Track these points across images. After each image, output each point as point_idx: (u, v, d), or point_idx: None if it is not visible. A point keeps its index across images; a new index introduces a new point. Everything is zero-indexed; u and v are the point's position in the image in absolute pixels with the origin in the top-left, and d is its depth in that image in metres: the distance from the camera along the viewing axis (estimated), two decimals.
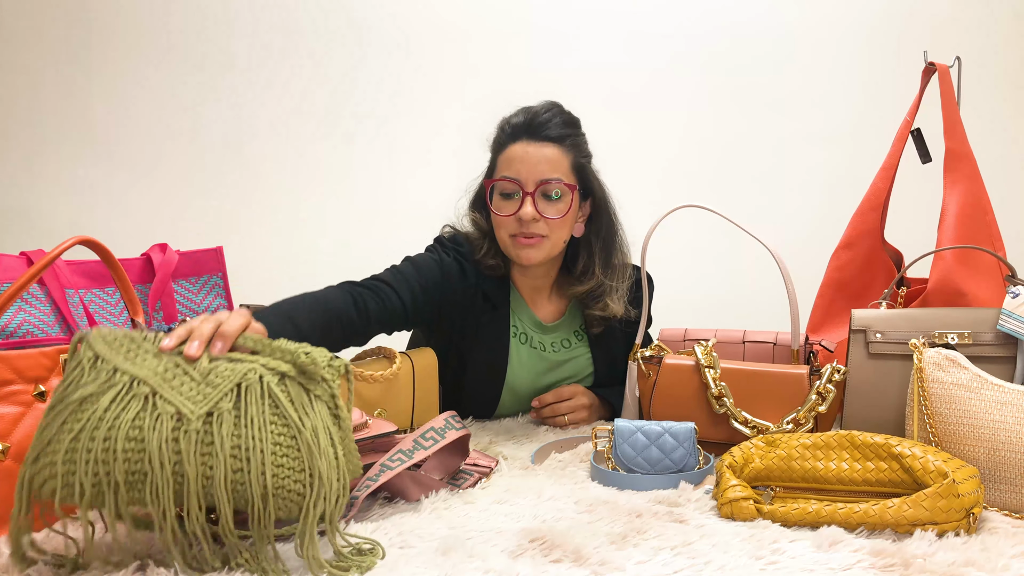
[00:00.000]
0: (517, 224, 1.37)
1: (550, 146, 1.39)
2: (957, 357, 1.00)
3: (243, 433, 0.73)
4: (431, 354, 1.41)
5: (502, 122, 1.45)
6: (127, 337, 0.78)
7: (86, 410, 0.71)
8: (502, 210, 1.39)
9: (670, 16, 2.60)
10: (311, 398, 0.78)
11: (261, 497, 0.72)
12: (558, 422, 1.42)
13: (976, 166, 1.38)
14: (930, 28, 2.51)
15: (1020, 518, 0.89)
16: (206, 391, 0.75)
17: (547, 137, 1.39)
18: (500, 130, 1.45)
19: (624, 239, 1.52)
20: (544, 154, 1.38)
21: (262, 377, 0.77)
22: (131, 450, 0.70)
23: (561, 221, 1.39)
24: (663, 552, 0.78)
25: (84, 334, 0.76)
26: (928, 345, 1.06)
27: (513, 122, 1.42)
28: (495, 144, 1.45)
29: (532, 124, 1.40)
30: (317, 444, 0.75)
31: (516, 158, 1.38)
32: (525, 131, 1.40)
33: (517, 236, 1.38)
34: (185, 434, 0.71)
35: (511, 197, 1.39)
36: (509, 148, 1.40)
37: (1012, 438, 0.92)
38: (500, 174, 1.40)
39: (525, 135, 1.40)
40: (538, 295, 1.52)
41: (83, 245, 0.97)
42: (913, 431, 1.01)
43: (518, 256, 1.40)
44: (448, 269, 1.42)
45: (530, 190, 1.37)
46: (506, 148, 1.40)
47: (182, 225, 2.54)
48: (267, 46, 2.59)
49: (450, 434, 1.02)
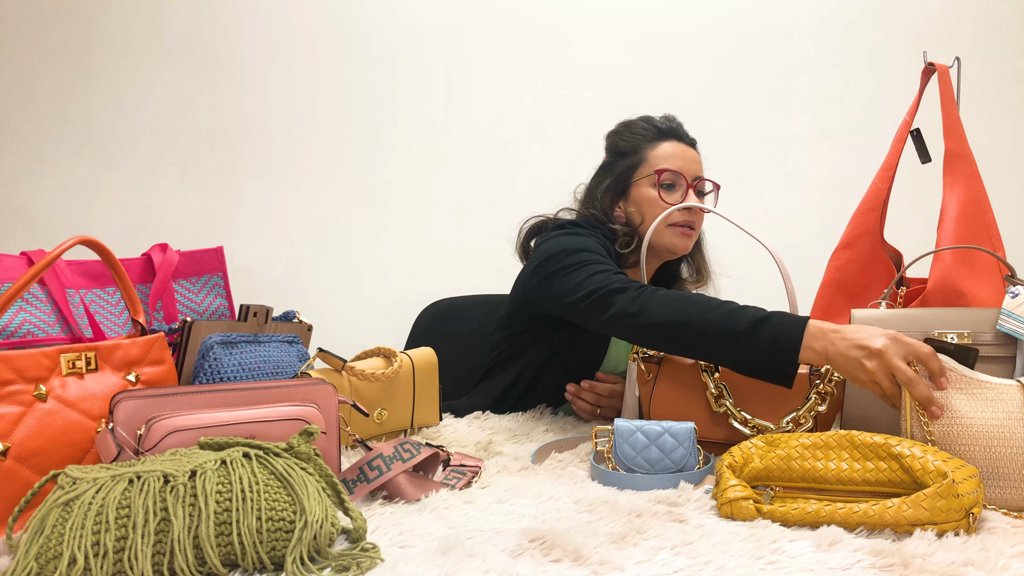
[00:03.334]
0: (680, 214, 1.47)
1: (692, 149, 1.53)
2: (945, 359, 1.00)
3: (231, 478, 0.74)
4: (431, 353, 1.41)
5: (634, 127, 1.53)
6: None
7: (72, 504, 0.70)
8: (669, 198, 1.48)
9: (670, 16, 2.61)
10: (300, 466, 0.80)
11: (250, 533, 0.72)
12: (589, 411, 1.42)
13: (976, 166, 1.38)
14: (930, 28, 2.52)
15: (1020, 517, 0.89)
16: (189, 458, 0.76)
17: (689, 142, 1.53)
18: (640, 132, 1.52)
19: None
20: (693, 155, 1.52)
21: (246, 454, 0.78)
22: (122, 516, 0.69)
23: (703, 217, 1.52)
24: (663, 552, 0.78)
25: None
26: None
27: (657, 124, 1.52)
28: (636, 142, 1.52)
29: (676, 130, 1.52)
30: (305, 488, 0.76)
31: (676, 154, 1.49)
32: (672, 134, 1.51)
33: (680, 225, 1.47)
34: (172, 490, 0.72)
35: (673, 188, 1.48)
36: (661, 145, 1.50)
37: (1006, 434, 0.92)
38: (660, 167, 1.48)
39: (673, 137, 1.51)
40: None
41: (83, 245, 0.98)
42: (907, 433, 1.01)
43: (674, 244, 1.48)
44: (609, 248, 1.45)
45: (691, 183, 1.49)
46: (658, 145, 1.50)
47: (182, 225, 2.54)
48: (267, 46, 2.59)
49: (424, 450, 1.03)
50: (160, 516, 0.70)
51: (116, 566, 0.68)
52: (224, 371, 1.12)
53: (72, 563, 0.67)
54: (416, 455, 1.00)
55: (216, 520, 0.72)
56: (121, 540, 0.69)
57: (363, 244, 2.48)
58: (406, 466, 0.98)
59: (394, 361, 1.33)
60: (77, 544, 0.67)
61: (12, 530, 0.75)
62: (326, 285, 1.54)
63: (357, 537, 0.80)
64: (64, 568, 0.66)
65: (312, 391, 0.98)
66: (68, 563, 0.67)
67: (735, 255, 2.32)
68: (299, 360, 1.26)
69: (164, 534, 0.70)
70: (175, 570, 0.70)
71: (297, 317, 1.32)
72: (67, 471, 0.73)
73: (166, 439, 0.84)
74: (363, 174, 2.61)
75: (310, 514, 0.75)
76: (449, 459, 1.09)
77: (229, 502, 0.73)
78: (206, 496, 0.72)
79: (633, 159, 1.51)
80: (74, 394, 0.93)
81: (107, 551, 0.68)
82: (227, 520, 0.72)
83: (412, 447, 1.01)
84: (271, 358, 1.20)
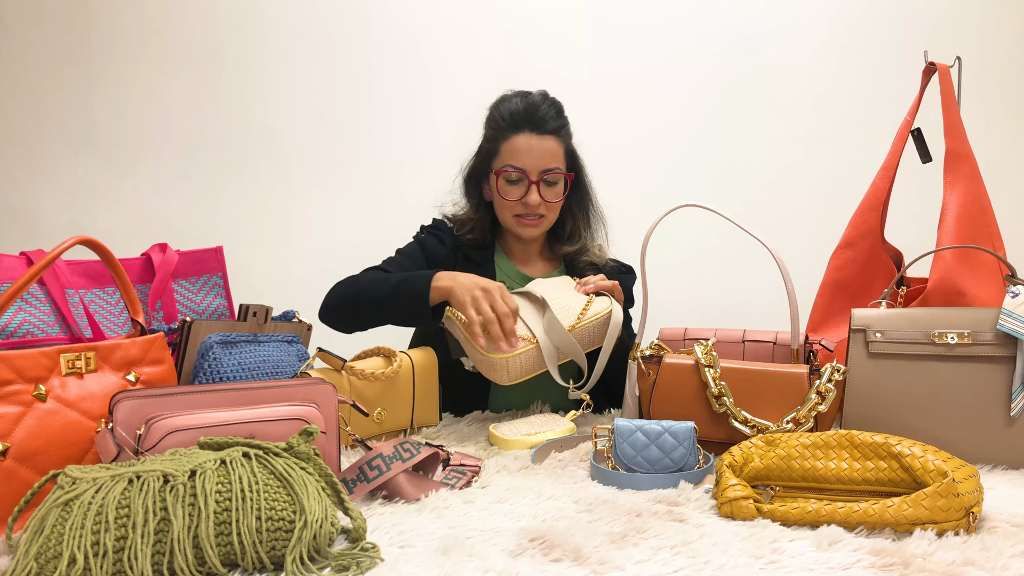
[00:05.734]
0: (522, 207, 1.55)
1: (550, 139, 1.55)
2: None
3: (231, 478, 0.74)
4: (431, 353, 1.41)
5: (501, 110, 1.57)
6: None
7: (72, 504, 0.70)
8: (509, 195, 1.55)
9: (670, 16, 2.61)
10: (300, 466, 0.80)
11: (250, 533, 0.72)
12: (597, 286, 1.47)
13: (976, 166, 1.38)
14: (930, 28, 2.52)
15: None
16: (189, 458, 0.76)
17: (547, 130, 1.54)
18: (500, 118, 1.56)
19: (596, 199, 1.70)
20: (545, 146, 1.54)
21: (245, 454, 0.78)
22: (122, 516, 0.69)
23: (558, 203, 1.59)
24: (663, 551, 0.78)
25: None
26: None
27: (514, 113, 1.54)
28: (495, 131, 1.57)
29: (533, 118, 1.54)
30: (305, 488, 0.76)
31: (521, 149, 1.53)
32: (527, 123, 1.54)
33: (521, 217, 1.56)
34: (172, 490, 0.71)
35: (516, 183, 1.54)
36: (513, 138, 1.54)
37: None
38: (506, 163, 1.54)
39: (527, 127, 1.53)
40: (529, 258, 1.68)
41: (83, 245, 0.97)
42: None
43: (520, 234, 1.59)
44: (426, 245, 1.61)
45: (535, 179, 1.53)
46: (509, 138, 1.54)
47: (182, 225, 2.54)
48: (267, 46, 2.59)
49: (424, 449, 1.03)
50: (160, 516, 0.70)
51: (116, 566, 0.68)
52: (223, 371, 1.12)
53: (72, 563, 0.67)
54: (416, 455, 1.00)
55: (216, 520, 0.72)
56: (121, 540, 0.69)
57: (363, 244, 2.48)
58: (406, 466, 0.98)
59: (394, 361, 1.33)
60: (77, 544, 0.67)
61: (12, 530, 0.75)
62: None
63: (357, 537, 0.80)
64: (64, 568, 0.66)
65: (312, 391, 0.98)
66: (68, 563, 0.67)
67: (735, 255, 2.32)
68: (299, 360, 1.26)
69: (164, 534, 0.70)
70: (175, 570, 0.70)
71: (297, 317, 1.32)
72: (67, 471, 0.73)
73: (166, 439, 0.84)
74: (363, 174, 2.61)
75: (310, 514, 0.75)
76: (449, 459, 1.08)
77: (229, 502, 0.73)
78: (206, 496, 0.72)
79: (491, 147, 1.58)
80: (74, 394, 0.93)
81: (107, 551, 0.68)
82: (227, 520, 0.72)
83: (412, 447, 1.01)
84: (271, 358, 1.20)
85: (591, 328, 1.42)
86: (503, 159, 1.55)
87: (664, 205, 1.31)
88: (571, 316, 1.41)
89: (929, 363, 1.12)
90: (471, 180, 1.64)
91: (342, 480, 0.96)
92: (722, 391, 1.17)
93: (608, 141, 2.58)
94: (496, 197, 1.58)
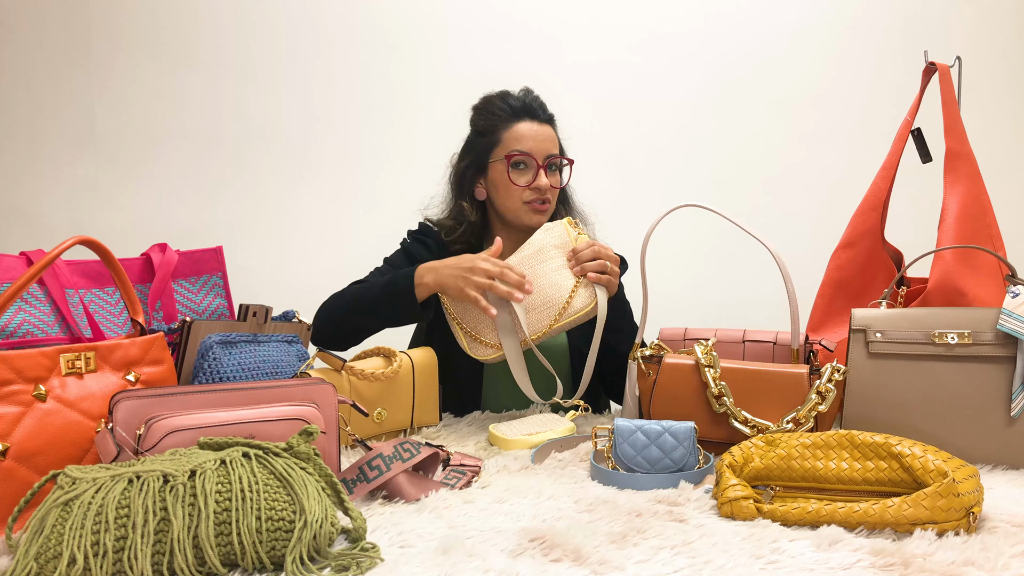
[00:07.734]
0: (531, 192, 1.56)
1: (547, 126, 1.59)
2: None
3: (231, 478, 0.74)
4: (431, 353, 1.41)
5: (497, 102, 1.59)
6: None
7: (72, 504, 0.70)
8: (518, 181, 1.56)
9: (671, 16, 2.61)
10: (300, 466, 0.80)
11: (250, 533, 0.72)
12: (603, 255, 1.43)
13: (976, 166, 1.37)
14: (930, 28, 2.52)
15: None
16: (189, 458, 0.76)
17: (545, 119, 1.59)
18: (499, 109, 1.58)
19: (576, 195, 1.72)
20: (547, 133, 1.58)
21: (245, 454, 0.78)
22: (122, 516, 0.69)
23: (559, 189, 1.61)
24: (663, 551, 0.78)
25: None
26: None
27: (514, 103, 1.58)
28: (493, 122, 1.58)
29: (532, 107, 1.58)
30: (305, 488, 0.76)
31: (526, 135, 1.55)
32: (527, 112, 1.57)
33: (531, 202, 1.56)
34: (172, 490, 0.71)
35: (524, 169, 1.56)
36: (516, 125, 1.56)
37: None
38: (513, 149, 1.55)
39: (527, 115, 1.57)
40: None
41: (83, 245, 0.97)
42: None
43: (530, 220, 1.57)
44: (412, 251, 1.62)
45: (542, 163, 1.55)
46: (512, 126, 1.56)
47: (182, 225, 2.54)
48: (267, 46, 2.59)
49: (424, 449, 1.03)
50: (160, 516, 0.70)
51: (116, 566, 0.68)
52: (223, 371, 1.12)
53: (72, 563, 0.67)
54: (416, 455, 1.00)
55: (216, 520, 0.72)
56: (121, 540, 0.69)
57: (363, 244, 2.48)
58: (406, 466, 0.98)
59: (394, 361, 1.33)
60: (77, 544, 0.67)
61: (12, 530, 0.75)
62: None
63: (357, 537, 0.80)
64: (64, 568, 0.66)
65: (311, 391, 0.98)
66: (68, 563, 0.67)
67: (735, 255, 2.32)
68: (298, 360, 1.26)
69: (164, 534, 0.70)
70: (175, 570, 0.70)
71: (297, 317, 1.32)
72: (67, 471, 0.73)
73: (165, 439, 0.84)
74: (363, 174, 2.61)
75: (310, 514, 0.75)
76: (449, 459, 1.08)
77: (229, 502, 0.73)
78: (206, 496, 0.72)
79: (490, 139, 1.58)
80: (73, 394, 0.92)
81: (107, 551, 0.68)
82: (227, 520, 0.72)
83: (412, 447, 1.01)
84: (270, 358, 1.20)
85: (570, 326, 1.41)
86: (507, 146, 1.56)
87: (664, 205, 1.31)
88: (549, 315, 1.39)
89: (929, 363, 1.12)
90: (463, 180, 1.63)
91: (342, 480, 0.96)
92: (722, 391, 1.17)
93: (608, 141, 2.58)
94: (501, 188, 1.57)
